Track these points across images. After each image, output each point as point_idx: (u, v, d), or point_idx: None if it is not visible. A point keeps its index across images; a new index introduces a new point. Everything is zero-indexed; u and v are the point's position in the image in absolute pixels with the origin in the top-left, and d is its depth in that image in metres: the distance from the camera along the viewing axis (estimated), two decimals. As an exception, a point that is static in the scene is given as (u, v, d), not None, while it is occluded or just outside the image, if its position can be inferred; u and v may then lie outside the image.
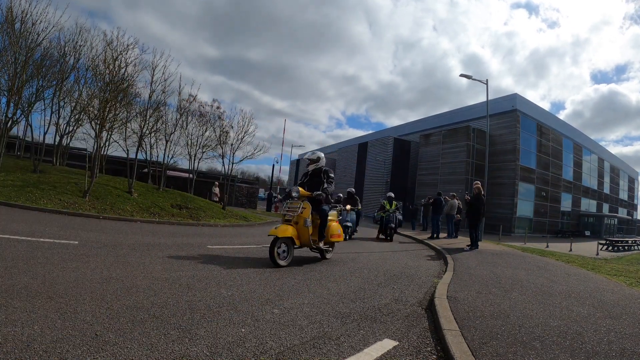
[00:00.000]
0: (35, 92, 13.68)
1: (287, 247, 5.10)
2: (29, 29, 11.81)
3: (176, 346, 2.06)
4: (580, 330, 2.86)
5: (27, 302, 2.46)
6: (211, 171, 35.42)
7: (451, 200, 13.24)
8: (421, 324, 2.98)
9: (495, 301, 3.64)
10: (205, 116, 17.84)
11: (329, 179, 5.77)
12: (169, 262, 4.48)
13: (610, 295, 4.37)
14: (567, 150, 35.97)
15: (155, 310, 2.61)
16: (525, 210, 30.57)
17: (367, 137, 50.08)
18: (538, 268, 6.44)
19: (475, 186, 9.53)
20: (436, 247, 9.34)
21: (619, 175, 49.21)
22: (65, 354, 1.81)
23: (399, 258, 7.28)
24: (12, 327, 2.03)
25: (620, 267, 7.97)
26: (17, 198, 9.07)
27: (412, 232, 15.37)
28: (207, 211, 12.93)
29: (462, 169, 30.91)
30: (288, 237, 5.07)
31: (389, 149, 39.65)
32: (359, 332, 2.62)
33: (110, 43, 11.86)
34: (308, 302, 3.32)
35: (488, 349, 2.32)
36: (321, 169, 5.86)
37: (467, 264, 6.31)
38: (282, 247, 5.05)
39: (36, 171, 12.40)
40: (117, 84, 11.89)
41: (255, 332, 2.41)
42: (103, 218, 9.10)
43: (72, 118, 15.61)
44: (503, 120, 30.40)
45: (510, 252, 9.35)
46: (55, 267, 3.52)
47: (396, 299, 3.75)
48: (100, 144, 12.76)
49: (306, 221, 5.27)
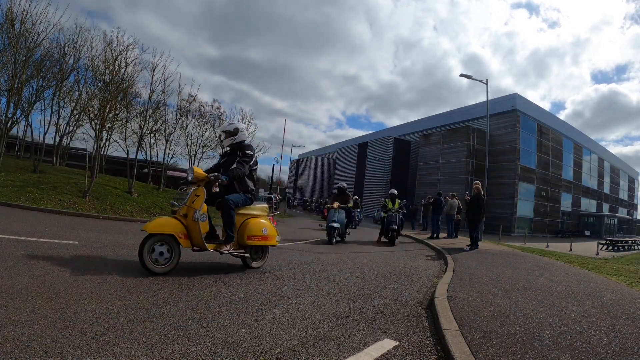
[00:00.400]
0: (35, 92, 13.71)
1: (168, 248, 3.82)
2: (29, 29, 11.84)
3: (176, 346, 2.06)
4: (581, 330, 2.86)
5: (27, 302, 2.46)
6: (211, 171, 35.42)
7: (451, 200, 13.24)
8: (421, 324, 2.98)
9: (495, 301, 3.64)
10: (205, 116, 17.89)
11: (243, 158, 4.39)
12: (169, 262, 4.47)
13: (610, 295, 4.37)
14: (567, 150, 35.97)
15: (155, 310, 2.61)
16: (525, 210, 30.57)
17: (367, 137, 50.09)
18: (538, 268, 6.44)
19: (475, 186, 9.53)
20: (436, 247, 9.34)
21: (619, 175, 49.21)
22: (65, 354, 1.81)
23: (399, 258, 7.28)
24: (12, 327, 2.03)
25: (620, 267, 7.97)
26: (17, 198, 9.07)
27: (412, 232, 15.36)
28: (207, 211, 12.91)
29: (462, 169, 30.91)
30: (167, 234, 3.80)
31: (389, 149, 39.67)
32: (359, 332, 2.62)
33: (110, 43, 11.89)
34: (308, 302, 3.32)
35: (488, 348, 2.32)
36: (240, 145, 4.52)
37: (467, 264, 6.31)
38: (158, 247, 3.77)
39: (36, 171, 12.40)
40: (117, 84, 11.91)
41: (255, 332, 2.41)
42: (103, 218, 9.10)
43: (72, 118, 15.65)
44: (503, 120, 30.40)
45: (510, 252, 9.34)
46: (55, 267, 3.52)
47: (396, 299, 3.75)
48: (100, 144, 12.78)
49: (196, 213, 3.93)
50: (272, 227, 4.65)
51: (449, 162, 32.30)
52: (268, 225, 4.57)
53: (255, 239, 4.42)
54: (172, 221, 3.91)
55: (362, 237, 12.04)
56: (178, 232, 3.86)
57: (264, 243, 4.55)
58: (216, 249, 4.14)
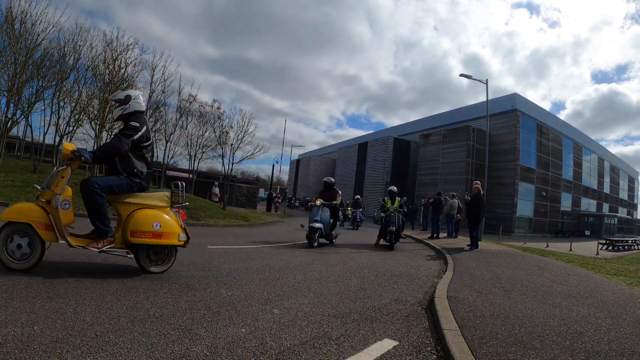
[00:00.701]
0: (35, 92, 13.73)
1: (30, 241, 3.19)
2: (29, 29, 11.84)
3: (176, 346, 2.06)
4: (581, 330, 2.86)
5: (27, 302, 2.46)
6: (211, 171, 35.46)
7: (451, 200, 13.24)
8: (421, 324, 2.98)
9: (495, 301, 3.64)
10: (205, 116, 17.91)
11: (124, 130, 3.54)
12: (169, 262, 4.47)
13: (610, 295, 4.37)
14: (567, 150, 36.00)
15: (155, 310, 2.61)
16: (525, 210, 30.59)
17: (367, 137, 50.13)
18: (538, 268, 6.44)
19: (475, 186, 9.54)
20: (436, 247, 9.33)
21: (619, 175, 49.24)
22: (65, 354, 1.81)
23: (399, 258, 7.27)
24: (12, 327, 2.03)
25: (620, 267, 7.97)
26: (17, 198, 9.07)
27: (412, 232, 15.37)
28: (207, 211, 12.94)
29: (462, 169, 30.93)
30: (22, 222, 3.16)
31: (389, 149, 39.70)
32: (359, 332, 2.62)
33: (110, 43, 11.92)
34: (308, 302, 3.32)
35: (488, 348, 2.32)
36: (132, 114, 3.65)
37: (467, 264, 6.31)
38: (18, 239, 3.16)
39: (36, 171, 12.41)
40: (117, 84, 11.92)
41: (255, 332, 2.41)
42: (103, 218, 9.09)
43: (72, 118, 15.64)
44: (503, 120, 30.42)
45: (510, 252, 9.34)
46: (55, 267, 3.53)
47: (396, 299, 3.75)
48: (100, 144, 12.77)
49: (55, 198, 3.23)
50: (173, 221, 3.65)
51: (449, 162, 32.33)
52: (164, 219, 3.58)
53: (143, 236, 3.45)
54: (31, 208, 3.22)
55: (359, 239, 11.77)
56: (36, 221, 3.17)
57: (156, 242, 3.52)
58: (85, 245, 3.37)
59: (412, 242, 11.56)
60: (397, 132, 45.51)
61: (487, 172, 18.79)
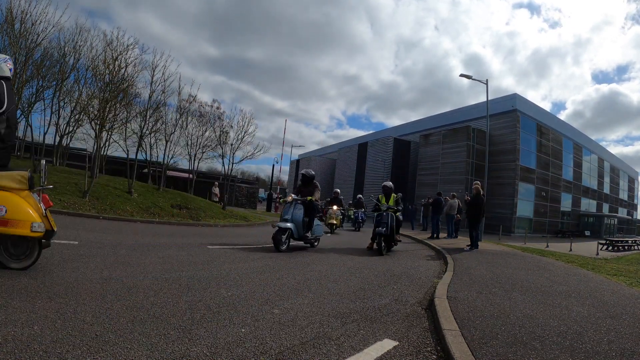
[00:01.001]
0: (35, 92, 13.71)
1: None
2: (29, 29, 11.82)
3: (176, 346, 2.06)
4: (580, 330, 2.86)
5: (27, 302, 2.46)
6: (211, 171, 35.46)
7: (451, 200, 13.25)
8: (421, 324, 2.98)
9: (495, 301, 3.64)
10: (205, 116, 17.90)
11: None
12: (169, 262, 4.48)
13: (610, 295, 4.37)
14: (567, 150, 35.98)
15: (155, 310, 2.61)
16: (525, 210, 30.56)
17: (367, 137, 50.09)
18: (538, 268, 6.44)
19: (475, 186, 9.54)
20: (436, 247, 9.34)
21: (619, 175, 49.22)
22: (65, 354, 1.81)
23: (399, 258, 7.27)
24: (12, 327, 2.03)
25: (620, 267, 7.97)
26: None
27: (412, 232, 15.37)
28: (207, 211, 12.94)
29: (462, 169, 30.90)
30: None
31: (389, 149, 39.67)
32: (359, 332, 2.62)
33: (110, 43, 11.88)
34: (308, 302, 3.32)
35: (488, 348, 2.32)
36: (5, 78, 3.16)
37: (467, 264, 6.31)
38: None
39: (36, 171, 12.40)
40: (117, 84, 11.91)
41: (255, 332, 2.41)
42: (103, 218, 9.10)
43: (72, 118, 15.63)
44: (503, 120, 30.40)
45: (510, 252, 9.35)
46: (55, 267, 3.52)
47: (396, 299, 3.75)
48: (100, 144, 12.78)
49: None
50: (25, 207, 3.06)
51: (449, 162, 32.30)
52: (12, 203, 2.99)
53: None
54: None
55: (357, 240, 11.10)
56: None
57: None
58: None
59: (412, 242, 11.56)
60: (397, 132, 45.49)
61: (487, 172, 18.80)
